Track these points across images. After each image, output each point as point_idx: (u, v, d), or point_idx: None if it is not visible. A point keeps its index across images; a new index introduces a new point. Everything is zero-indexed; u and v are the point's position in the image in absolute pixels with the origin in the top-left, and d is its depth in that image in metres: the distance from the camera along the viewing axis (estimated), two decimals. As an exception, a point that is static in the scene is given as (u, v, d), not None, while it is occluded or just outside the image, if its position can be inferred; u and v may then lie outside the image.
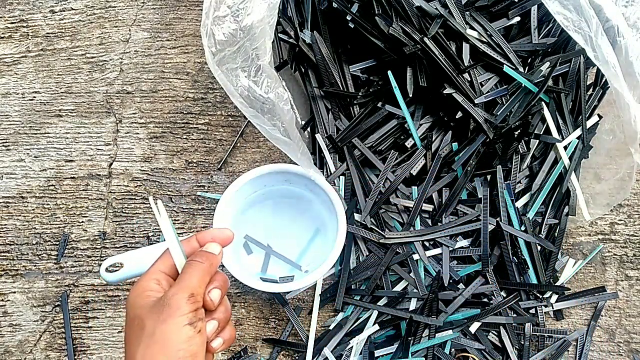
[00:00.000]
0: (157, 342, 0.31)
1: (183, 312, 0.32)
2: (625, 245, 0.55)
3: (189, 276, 0.34)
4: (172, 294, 0.33)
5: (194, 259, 0.36)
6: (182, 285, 0.33)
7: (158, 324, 0.32)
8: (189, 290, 0.33)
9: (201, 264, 0.35)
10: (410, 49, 0.47)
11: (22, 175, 0.57)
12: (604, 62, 0.43)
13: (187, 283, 0.34)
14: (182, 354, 0.31)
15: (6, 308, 0.54)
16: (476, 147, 0.50)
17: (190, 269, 0.35)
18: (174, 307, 0.32)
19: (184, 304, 0.32)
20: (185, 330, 0.32)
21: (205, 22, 0.43)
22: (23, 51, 0.60)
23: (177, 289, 0.33)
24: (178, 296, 0.33)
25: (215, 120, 0.58)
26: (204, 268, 0.35)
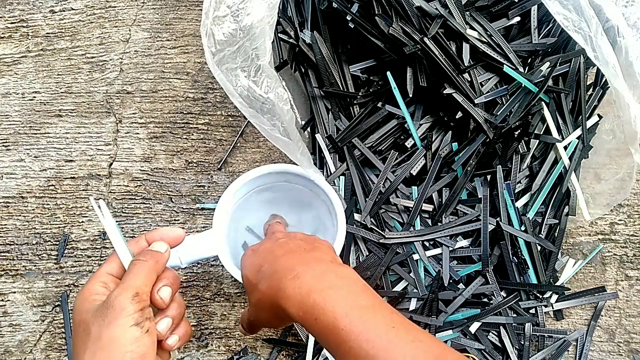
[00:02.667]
0: (103, 347, 0.30)
1: (128, 313, 0.31)
2: (625, 245, 0.55)
3: (133, 275, 0.33)
4: (115, 295, 0.32)
5: (137, 258, 0.35)
6: (125, 285, 0.32)
7: (103, 327, 0.31)
8: (133, 290, 0.32)
9: (145, 262, 0.34)
10: (410, 49, 0.47)
11: (22, 175, 0.57)
12: (604, 62, 0.43)
13: (131, 282, 0.33)
14: (130, 355, 0.30)
15: (6, 308, 0.54)
16: (476, 147, 0.50)
17: (134, 268, 0.34)
18: (118, 309, 0.31)
19: (128, 304, 0.31)
20: (132, 331, 0.31)
21: (205, 22, 0.43)
22: (23, 51, 0.60)
23: (120, 289, 0.32)
24: (121, 297, 0.31)
25: (215, 120, 0.58)
26: (149, 266, 0.34)
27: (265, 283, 0.34)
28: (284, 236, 0.40)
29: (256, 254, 0.38)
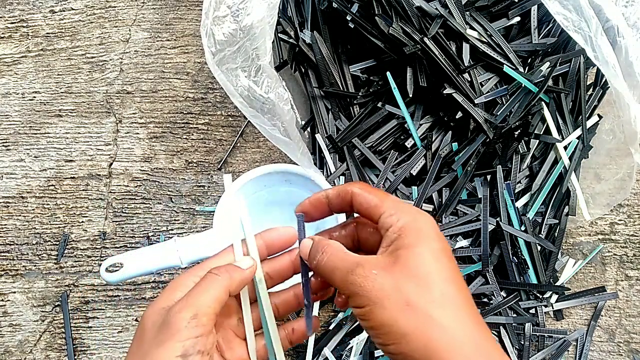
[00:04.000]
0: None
1: (180, 338, 0.27)
2: (625, 245, 0.55)
3: (198, 291, 0.29)
4: (175, 310, 0.28)
5: (212, 271, 0.30)
6: (188, 301, 0.28)
7: (153, 346, 0.27)
8: (194, 310, 0.27)
9: (217, 277, 0.30)
10: (410, 49, 0.47)
11: (22, 175, 0.57)
12: (604, 62, 0.43)
13: (194, 300, 0.28)
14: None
15: (6, 308, 0.54)
16: (476, 147, 0.50)
17: (204, 282, 0.29)
18: (173, 329, 0.27)
19: (183, 326, 0.27)
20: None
21: (205, 22, 0.43)
22: (23, 51, 0.60)
23: (182, 305, 0.28)
24: (180, 315, 0.27)
25: (215, 120, 0.58)
26: (221, 284, 0.29)
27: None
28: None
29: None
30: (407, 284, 0.27)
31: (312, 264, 0.31)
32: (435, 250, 0.28)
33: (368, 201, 0.31)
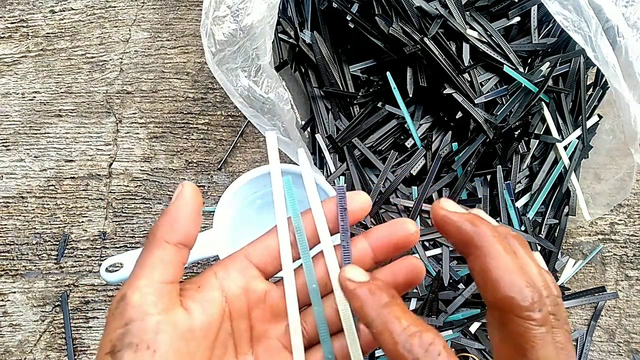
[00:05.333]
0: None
1: (109, 330, 0.22)
2: (625, 245, 0.55)
3: (135, 266, 0.24)
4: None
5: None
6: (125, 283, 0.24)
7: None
8: (123, 289, 0.23)
9: (151, 237, 0.25)
10: (410, 49, 0.47)
11: (22, 175, 0.57)
12: (604, 62, 0.43)
13: (129, 279, 0.23)
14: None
15: (6, 308, 0.54)
16: (476, 147, 0.50)
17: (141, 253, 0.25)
18: (107, 320, 0.23)
19: (111, 313, 0.23)
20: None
21: (205, 22, 0.43)
22: (23, 51, 0.60)
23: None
24: (112, 303, 0.23)
25: (215, 120, 0.58)
26: (156, 242, 0.24)
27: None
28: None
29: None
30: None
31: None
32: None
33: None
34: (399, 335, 0.21)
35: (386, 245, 0.26)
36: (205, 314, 0.24)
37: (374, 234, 0.26)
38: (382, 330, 0.21)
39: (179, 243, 0.25)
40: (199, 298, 0.25)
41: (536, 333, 0.19)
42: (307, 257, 0.26)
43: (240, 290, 0.26)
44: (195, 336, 0.23)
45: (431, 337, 0.20)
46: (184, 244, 0.25)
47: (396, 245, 0.26)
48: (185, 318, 0.23)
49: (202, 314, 0.24)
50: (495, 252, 0.21)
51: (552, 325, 0.20)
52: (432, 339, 0.20)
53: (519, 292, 0.20)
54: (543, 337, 0.20)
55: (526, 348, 0.19)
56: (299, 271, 0.27)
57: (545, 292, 0.20)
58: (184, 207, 0.25)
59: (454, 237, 0.23)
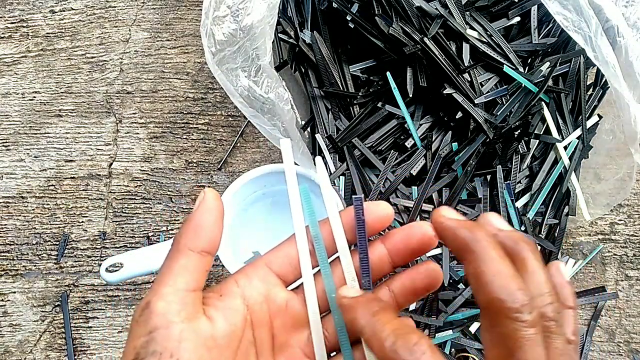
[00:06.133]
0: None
1: (133, 338, 0.23)
2: (625, 245, 0.55)
3: (159, 274, 0.24)
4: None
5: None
6: (149, 291, 0.24)
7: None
8: (148, 297, 0.23)
9: (175, 243, 0.25)
10: (410, 49, 0.47)
11: (22, 175, 0.57)
12: (604, 62, 0.43)
13: (153, 285, 0.24)
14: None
15: (6, 308, 0.54)
16: (476, 147, 0.50)
17: (166, 260, 0.25)
18: (130, 328, 0.24)
19: (135, 320, 0.23)
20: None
21: (205, 22, 0.43)
22: (23, 51, 0.60)
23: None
24: (136, 310, 0.23)
25: (215, 120, 0.58)
26: (182, 251, 0.25)
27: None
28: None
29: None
30: None
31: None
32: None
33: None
34: (386, 339, 0.21)
35: (404, 250, 0.26)
36: (227, 323, 0.24)
37: (392, 238, 0.27)
38: (371, 336, 0.22)
39: (202, 251, 0.25)
40: (221, 306, 0.25)
41: (525, 334, 0.20)
42: (326, 267, 0.26)
43: (262, 298, 0.26)
44: (217, 345, 0.23)
45: (415, 338, 0.21)
46: (207, 251, 0.25)
47: (414, 250, 0.26)
48: (208, 326, 0.24)
49: (225, 322, 0.24)
50: (489, 257, 0.21)
51: (550, 330, 0.20)
52: (417, 340, 0.21)
53: (509, 295, 0.20)
54: (532, 338, 0.20)
55: (514, 348, 0.20)
56: (317, 278, 0.27)
57: (547, 299, 0.21)
58: (207, 214, 0.25)
59: (451, 242, 0.23)
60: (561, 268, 0.24)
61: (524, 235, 0.25)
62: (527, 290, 0.21)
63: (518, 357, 0.20)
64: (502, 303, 0.20)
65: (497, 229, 0.23)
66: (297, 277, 0.27)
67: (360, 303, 0.24)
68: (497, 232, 0.23)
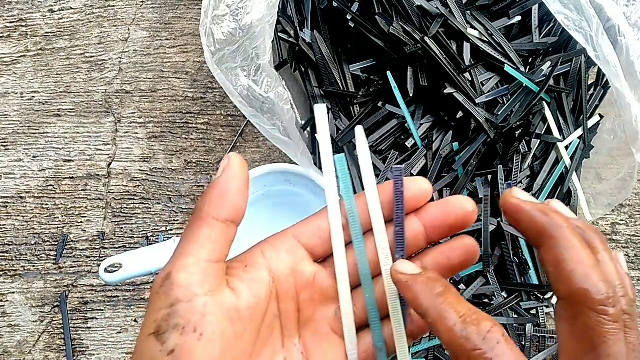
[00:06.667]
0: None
1: (153, 310, 0.22)
2: (626, 246, 0.55)
3: (180, 242, 0.23)
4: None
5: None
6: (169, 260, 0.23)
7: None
8: (168, 268, 0.22)
9: (199, 211, 0.24)
10: (411, 48, 0.47)
11: (21, 175, 0.57)
12: (605, 62, 0.43)
13: (173, 256, 0.23)
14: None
15: (5, 309, 0.54)
16: (477, 147, 0.50)
17: (186, 230, 0.24)
18: (150, 300, 0.23)
19: (155, 292, 0.22)
20: (149, 344, 0.21)
21: (204, 21, 0.43)
22: (22, 51, 0.60)
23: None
24: (155, 281, 0.22)
25: (214, 119, 0.58)
26: (204, 219, 0.23)
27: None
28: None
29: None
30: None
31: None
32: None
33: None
34: (455, 324, 0.20)
35: (441, 226, 0.25)
36: (252, 295, 0.23)
37: (428, 212, 0.25)
38: (437, 320, 0.21)
39: (227, 220, 0.23)
40: (246, 278, 0.24)
41: (609, 328, 0.19)
42: (360, 242, 0.25)
43: (289, 271, 0.25)
44: (241, 317, 0.23)
45: (489, 325, 0.20)
46: (232, 220, 0.24)
47: (452, 226, 0.25)
48: (232, 299, 0.23)
49: (250, 294, 0.23)
50: (570, 244, 0.20)
51: (626, 325, 0.19)
52: (491, 327, 0.20)
53: (593, 286, 0.19)
54: (616, 333, 0.19)
55: (597, 343, 0.19)
56: (348, 251, 0.26)
57: (620, 292, 0.20)
58: (232, 180, 0.23)
59: (525, 226, 0.22)
60: (621, 259, 0.23)
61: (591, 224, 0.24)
62: (610, 283, 0.20)
63: (601, 351, 0.19)
64: (586, 294, 0.19)
65: (566, 217, 0.22)
66: (326, 251, 0.25)
67: (421, 282, 0.22)
68: (568, 219, 0.22)
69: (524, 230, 0.22)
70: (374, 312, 0.25)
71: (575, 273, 0.20)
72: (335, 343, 0.25)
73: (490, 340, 0.19)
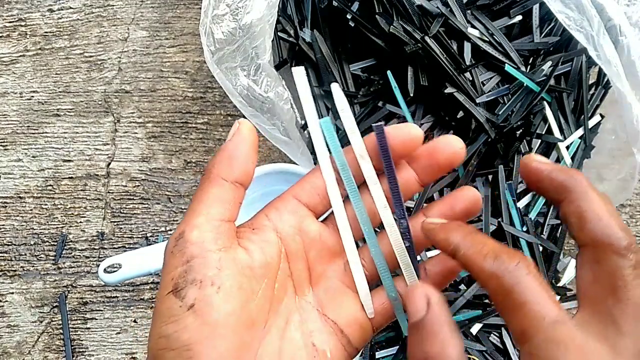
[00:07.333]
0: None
1: (169, 269, 0.22)
2: (627, 246, 0.55)
3: (192, 202, 0.24)
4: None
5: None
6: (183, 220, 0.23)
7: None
8: (182, 227, 0.23)
9: (208, 173, 0.24)
10: (411, 48, 0.47)
11: (20, 175, 0.57)
12: (606, 62, 0.42)
13: (186, 215, 0.23)
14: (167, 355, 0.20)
15: (4, 309, 0.53)
16: (477, 147, 0.49)
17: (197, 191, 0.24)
18: (164, 259, 0.23)
19: (170, 251, 0.22)
20: (168, 303, 0.21)
21: (204, 20, 0.43)
22: (21, 50, 0.60)
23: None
24: (170, 240, 0.23)
25: (214, 119, 0.57)
26: (213, 180, 0.24)
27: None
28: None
29: None
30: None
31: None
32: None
33: (509, 317, 0.20)
34: (486, 256, 0.21)
35: (431, 166, 0.25)
36: (263, 254, 0.24)
37: (417, 156, 0.26)
38: (468, 254, 0.21)
39: (236, 181, 0.24)
40: (255, 239, 0.24)
41: (630, 273, 0.20)
42: (356, 196, 0.25)
43: (294, 230, 0.25)
44: (255, 275, 0.23)
45: (519, 257, 0.20)
46: (241, 182, 0.24)
47: (441, 166, 0.25)
48: (245, 257, 0.23)
49: (261, 253, 0.24)
50: (591, 196, 0.21)
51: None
52: (519, 259, 0.20)
53: (617, 233, 0.20)
54: (636, 277, 0.20)
55: (619, 285, 0.20)
56: (347, 205, 0.26)
57: (634, 240, 0.21)
58: (242, 143, 0.25)
59: (547, 184, 0.23)
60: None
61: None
62: (628, 232, 0.21)
63: (621, 294, 0.19)
64: (610, 240, 0.20)
65: (582, 173, 0.23)
66: (326, 207, 0.26)
67: (451, 225, 0.23)
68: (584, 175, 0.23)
69: (545, 189, 0.23)
70: (382, 263, 0.26)
71: (600, 221, 0.21)
72: (349, 296, 0.26)
73: (520, 270, 0.20)
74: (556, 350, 0.19)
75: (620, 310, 0.19)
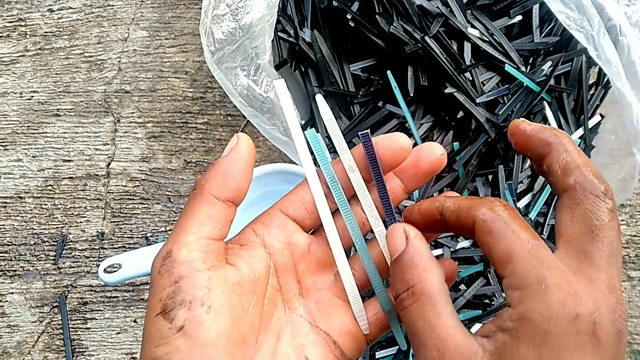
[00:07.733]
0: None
1: (157, 290, 0.21)
2: (627, 246, 0.55)
3: (178, 220, 0.23)
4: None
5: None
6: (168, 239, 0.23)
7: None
8: (168, 246, 0.22)
9: (195, 191, 0.24)
10: (411, 48, 0.47)
11: (20, 175, 0.57)
12: (606, 61, 0.42)
13: (172, 234, 0.23)
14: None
15: (4, 309, 0.53)
16: (477, 147, 0.49)
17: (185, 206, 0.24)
18: (152, 280, 0.22)
19: (157, 272, 0.22)
20: (157, 325, 0.21)
21: (204, 20, 0.43)
22: (21, 50, 0.60)
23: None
24: (155, 260, 0.22)
25: (214, 119, 0.57)
26: (200, 197, 0.23)
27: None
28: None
29: None
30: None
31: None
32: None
33: (493, 245, 0.21)
34: (470, 204, 0.23)
35: (415, 174, 0.26)
36: (252, 270, 0.24)
37: (402, 167, 0.26)
38: (453, 205, 0.23)
39: (228, 200, 0.24)
40: (243, 255, 0.24)
41: (606, 215, 0.22)
42: (346, 208, 0.25)
43: (283, 245, 0.25)
44: (244, 292, 0.23)
45: (496, 198, 0.23)
46: (232, 201, 0.24)
47: (425, 174, 0.26)
48: (234, 274, 0.23)
49: (249, 269, 0.24)
50: (572, 147, 0.24)
51: (614, 218, 0.22)
52: (497, 199, 0.23)
53: (597, 179, 0.23)
54: (611, 220, 0.22)
55: (595, 225, 0.21)
56: (336, 218, 0.26)
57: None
58: (238, 161, 0.24)
59: (534, 142, 0.24)
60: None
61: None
62: (606, 181, 0.23)
63: (598, 233, 0.21)
64: (592, 184, 0.22)
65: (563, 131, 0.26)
66: (314, 221, 0.26)
67: (427, 199, 0.24)
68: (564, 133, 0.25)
69: (532, 147, 0.25)
70: (376, 277, 0.25)
71: (581, 169, 0.23)
72: (341, 307, 0.25)
73: (500, 206, 0.22)
74: (540, 267, 0.20)
75: (596, 247, 0.21)
